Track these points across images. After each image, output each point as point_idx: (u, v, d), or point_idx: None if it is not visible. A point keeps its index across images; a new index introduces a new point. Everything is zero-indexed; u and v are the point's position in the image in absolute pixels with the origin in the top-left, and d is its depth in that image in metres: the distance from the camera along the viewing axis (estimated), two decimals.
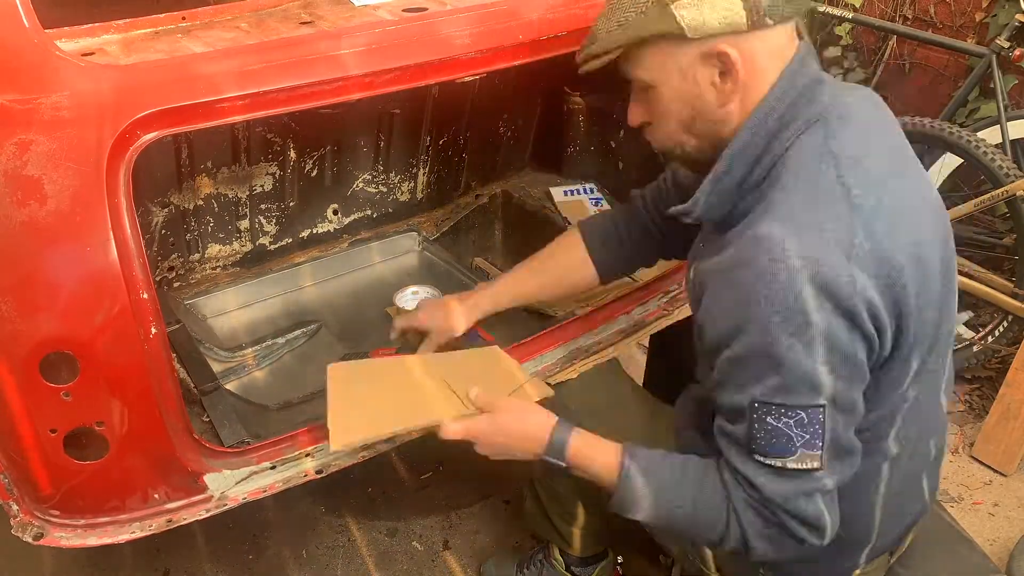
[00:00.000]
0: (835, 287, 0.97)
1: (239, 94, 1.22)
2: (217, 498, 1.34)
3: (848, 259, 0.98)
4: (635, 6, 1.08)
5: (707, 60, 1.06)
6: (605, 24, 1.13)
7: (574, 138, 2.35)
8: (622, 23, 1.09)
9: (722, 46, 1.04)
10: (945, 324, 1.14)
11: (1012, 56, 2.60)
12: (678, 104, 1.12)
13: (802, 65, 1.09)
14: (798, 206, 1.02)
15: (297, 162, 1.94)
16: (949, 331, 1.17)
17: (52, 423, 1.18)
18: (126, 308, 1.17)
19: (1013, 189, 2.38)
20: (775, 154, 1.07)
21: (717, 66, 1.06)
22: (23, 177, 1.09)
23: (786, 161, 1.06)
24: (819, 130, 1.06)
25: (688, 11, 1.03)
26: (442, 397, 1.36)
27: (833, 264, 0.98)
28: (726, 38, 1.04)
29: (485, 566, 1.96)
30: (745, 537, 1.10)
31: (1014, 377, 2.25)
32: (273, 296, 2.03)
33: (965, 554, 1.40)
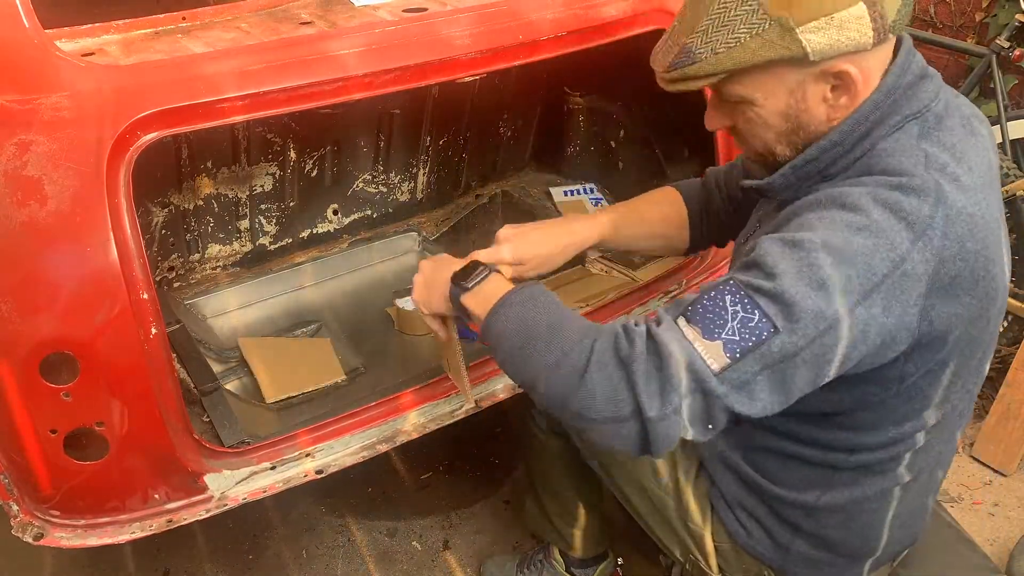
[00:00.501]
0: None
1: (239, 94, 1.22)
2: (217, 498, 1.34)
3: (913, 245, 0.94)
4: (748, 26, 0.97)
5: (822, 77, 1.00)
6: (707, 42, 0.99)
7: (574, 138, 2.35)
8: (732, 45, 0.98)
9: (843, 65, 0.98)
10: (981, 354, 1.11)
11: (1012, 56, 2.60)
12: (779, 119, 1.04)
13: (908, 60, 1.03)
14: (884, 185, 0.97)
15: (297, 162, 1.94)
16: (982, 364, 1.13)
17: (52, 423, 1.18)
18: (126, 308, 1.17)
19: (1013, 189, 2.38)
20: (866, 148, 1.02)
21: (831, 82, 1.00)
22: (23, 177, 1.09)
23: (876, 155, 1.01)
24: (913, 128, 1.02)
25: (816, 35, 0.95)
26: None
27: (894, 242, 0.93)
28: (848, 56, 0.97)
29: (485, 566, 1.96)
30: (587, 363, 0.98)
31: (1014, 377, 2.25)
32: (273, 296, 2.03)
33: (965, 554, 1.40)
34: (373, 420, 1.46)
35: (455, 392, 1.52)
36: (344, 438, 1.43)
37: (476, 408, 1.53)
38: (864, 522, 1.20)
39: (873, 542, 1.22)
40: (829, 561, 1.24)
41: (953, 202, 0.96)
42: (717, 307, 0.96)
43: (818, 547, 1.23)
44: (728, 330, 0.94)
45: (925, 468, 1.18)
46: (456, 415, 1.52)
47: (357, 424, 1.45)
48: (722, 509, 1.31)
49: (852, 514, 1.19)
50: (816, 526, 1.21)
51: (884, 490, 1.17)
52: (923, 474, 1.19)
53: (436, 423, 1.50)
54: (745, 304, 0.94)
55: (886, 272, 0.93)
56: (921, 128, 1.02)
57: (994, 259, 1.01)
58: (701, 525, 1.33)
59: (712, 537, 1.33)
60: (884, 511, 1.20)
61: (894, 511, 1.20)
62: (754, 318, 0.94)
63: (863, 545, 1.22)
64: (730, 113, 1.08)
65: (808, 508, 1.20)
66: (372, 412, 1.46)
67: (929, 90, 1.04)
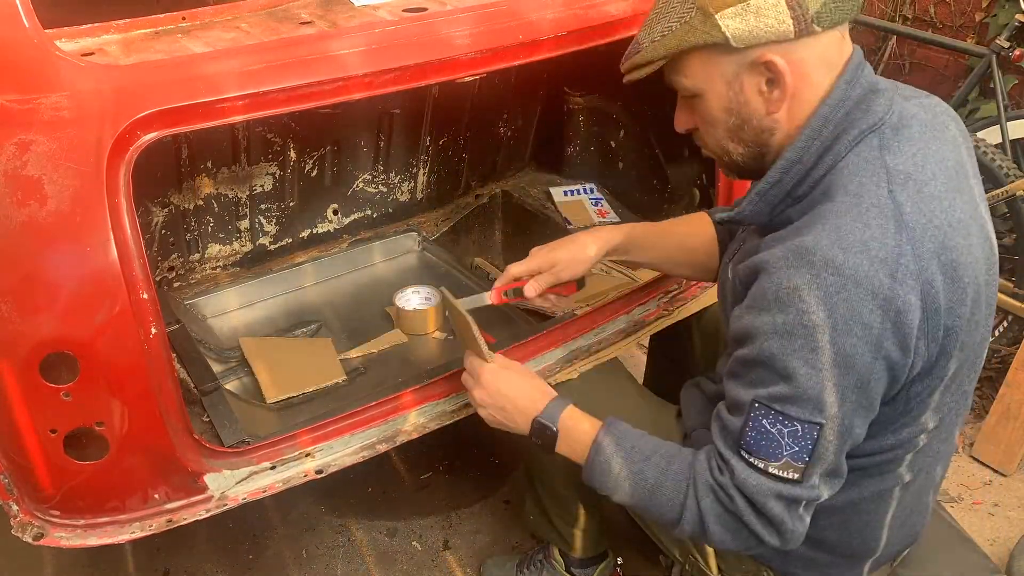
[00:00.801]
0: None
1: (239, 94, 1.22)
2: (217, 498, 1.34)
3: (893, 279, 0.96)
4: (679, 16, 1.05)
5: (753, 68, 1.04)
6: (649, 34, 1.10)
7: (574, 138, 2.35)
8: (665, 33, 1.07)
9: (769, 55, 1.02)
10: (975, 356, 1.12)
11: (1012, 56, 2.60)
12: (724, 112, 1.09)
13: (857, 73, 1.06)
14: (846, 222, 0.99)
15: (297, 162, 1.94)
16: (976, 365, 1.14)
17: (52, 423, 1.18)
18: (126, 308, 1.16)
19: (1013, 189, 2.38)
20: (827, 166, 1.05)
21: (764, 74, 1.04)
22: (23, 177, 1.09)
23: (838, 174, 1.03)
24: (873, 141, 1.03)
25: (733, 20, 1.00)
26: None
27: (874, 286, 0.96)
28: (773, 46, 1.01)
29: (485, 566, 1.96)
30: (703, 521, 1.09)
31: (1014, 377, 2.25)
32: (273, 296, 2.03)
33: (965, 554, 1.40)
34: (373, 420, 1.46)
35: (455, 392, 1.52)
36: (344, 438, 1.43)
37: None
38: (863, 523, 1.20)
39: (872, 543, 1.22)
40: (828, 562, 1.24)
41: (915, 220, 0.99)
42: (763, 434, 1.03)
43: (817, 548, 1.23)
44: (786, 447, 1.02)
45: (924, 467, 1.18)
46: (456, 415, 1.52)
47: (357, 424, 1.45)
48: None
49: (850, 516, 1.19)
50: (814, 528, 1.20)
51: (883, 491, 1.17)
52: (922, 473, 1.19)
53: (436, 423, 1.50)
54: (782, 420, 1.01)
55: (881, 319, 0.96)
56: (881, 140, 1.04)
57: (968, 263, 1.02)
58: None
59: None
60: (883, 512, 1.20)
61: (893, 511, 1.20)
62: (798, 429, 1.01)
63: (862, 545, 1.22)
64: (690, 112, 1.15)
65: None
66: (372, 412, 1.46)
67: (882, 103, 1.06)
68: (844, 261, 0.96)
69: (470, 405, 1.47)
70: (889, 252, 0.96)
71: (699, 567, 1.37)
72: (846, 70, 1.05)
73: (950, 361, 1.04)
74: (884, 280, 0.95)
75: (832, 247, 0.97)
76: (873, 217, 0.98)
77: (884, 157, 1.02)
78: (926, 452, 1.16)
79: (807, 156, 1.05)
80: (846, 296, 0.95)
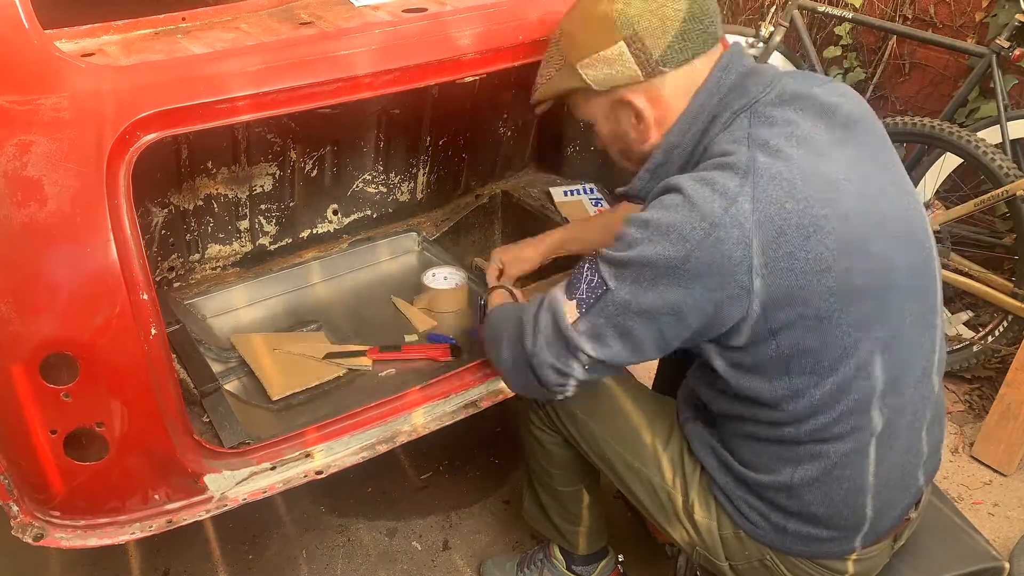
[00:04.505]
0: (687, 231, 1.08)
1: (239, 95, 1.22)
2: (217, 499, 1.34)
3: (725, 212, 1.07)
4: (555, 65, 1.28)
5: (621, 106, 1.23)
6: (540, 76, 1.33)
7: (574, 138, 2.35)
8: (547, 78, 1.30)
9: (627, 95, 1.21)
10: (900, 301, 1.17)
11: (1012, 56, 2.60)
12: (611, 139, 1.31)
13: (731, 62, 1.19)
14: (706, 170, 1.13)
15: (297, 162, 1.94)
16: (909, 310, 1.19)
17: (52, 424, 1.18)
18: (126, 309, 1.17)
19: (1013, 189, 2.38)
20: (704, 146, 1.19)
21: (631, 110, 1.22)
22: (23, 178, 1.09)
23: (711, 147, 1.17)
24: (743, 120, 1.16)
25: (590, 69, 1.22)
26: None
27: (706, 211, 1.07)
28: (630, 87, 1.20)
29: (485, 566, 1.96)
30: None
31: (1014, 377, 2.25)
32: (273, 296, 2.03)
33: (967, 542, 1.41)
34: (373, 420, 1.46)
35: (455, 392, 1.53)
36: (344, 438, 1.44)
37: (476, 409, 1.53)
38: (844, 491, 1.22)
39: (860, 509, 1.23)
40: (823, 536, 1.26)
41: (766, 169, 1.09)
42: (579, 275, 1.20)
43: (810, 523, 1.25)
44: (582, 291, 1.18)
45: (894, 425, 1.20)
46: (456, 416, 1.52)
47: (357, 424, 1.45)
48: (724, 501, 1.33)
49: (829, 486, 1.21)
50: (800, 504, 1.24)
51: (853, 452, 1.19)
52: (895, 433, 1.21)
53: (436, 423, 1.50)
54: (591, 270, 1.18)
55: (699, 239, 1.07)
56: (751, 118, 1.16)
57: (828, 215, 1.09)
58: (707, 518, 1.35)
59: (718, 528, 1.34)
60: (862, 475, 1.21)
61: (873, 473, 1.21)
62: (594, 281, 1.17)
63: (851, 515, 1.24)
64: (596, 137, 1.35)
65: (786, 488, 1.23)
66: (372, 412, 1.46)
67: (757, 84, 1.18)
68: (690, 187, 1.10)
69: (470, 406, 1.48)
70: (730, 190, 1.08)
71: (706, 556, 1.38)
72: (716, 65, 1.19)
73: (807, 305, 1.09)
74: (716, 210, 1.07)
75: (687, 179, 1.12)
76: (727, 167, 1.11)
77: (750, 130, 1.15)
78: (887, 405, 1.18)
79: (685, 140, 1.20)
80: (678, 210, 1.09)
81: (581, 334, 1.19)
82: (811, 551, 1.28)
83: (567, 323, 1.19)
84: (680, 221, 1.08)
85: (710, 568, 1.40)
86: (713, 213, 1.07)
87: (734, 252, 1.07)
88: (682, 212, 1.09)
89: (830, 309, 1.11)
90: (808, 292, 1.09)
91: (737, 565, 1.35)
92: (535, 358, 1.25)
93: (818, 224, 1.09)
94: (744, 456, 1.28)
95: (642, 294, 1.12)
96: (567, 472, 1.65)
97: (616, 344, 1.18)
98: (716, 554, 1.36)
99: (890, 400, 1.18)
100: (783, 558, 1.30)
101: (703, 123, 1.19)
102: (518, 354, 1.28)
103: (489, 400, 1.54)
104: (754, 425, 1.24)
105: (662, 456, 1.41)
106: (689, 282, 1.09)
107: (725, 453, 1.31)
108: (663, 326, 1.14)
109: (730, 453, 1.30)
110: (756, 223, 1.07)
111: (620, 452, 1.44)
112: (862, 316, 1.13)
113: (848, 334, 1.13)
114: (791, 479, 1.23)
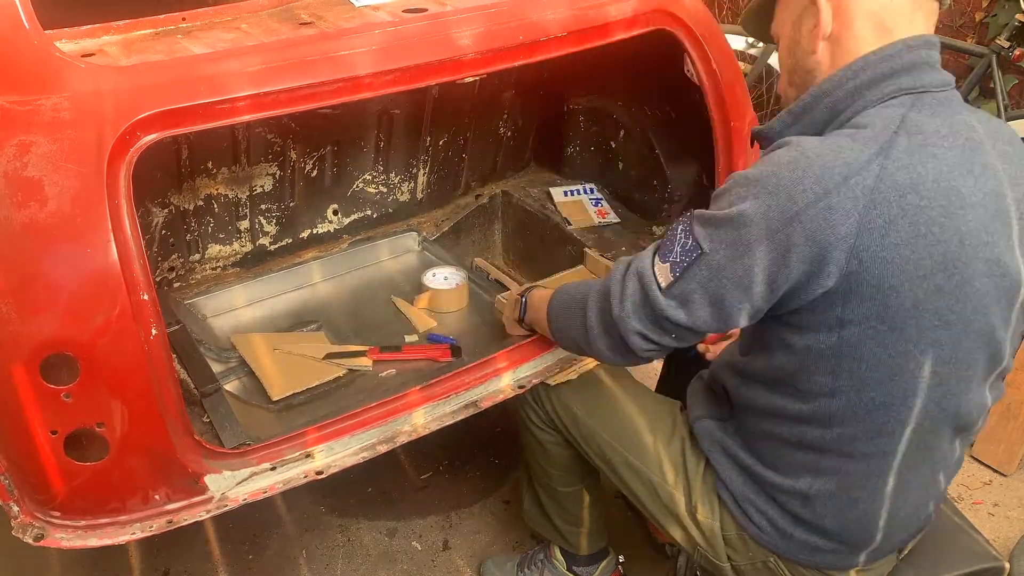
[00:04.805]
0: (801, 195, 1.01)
1: (239, 95, 1.22)
2: (217, 499, 1.34)
3: (844, 180, 1.00)
4: None
5: (809, 10, 1.14)
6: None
7: (574, 138, 2.35)
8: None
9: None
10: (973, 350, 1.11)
11: (1012, 56, 2.60)
12: (787, 52, 1.21)
13: (921, 47, 1.09)
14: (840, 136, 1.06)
15: (297, 162, 1.94)
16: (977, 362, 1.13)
17: (53, 424, 1.18)
18: (126, 309, 1.16)
19: None
20: (855, 110, 1.09)
21: (814, 15, 1.13)
22: (24, 179, 1.09)
23: (862, 117, 1.08)
24: (906, 100, 1.07)
25: None
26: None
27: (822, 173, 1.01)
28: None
29: (485, 566, 1.96)
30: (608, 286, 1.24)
31: (1014, 377, 2.25)
32: (273, 296, 2.03)
33: (967, 543, 1.40)
34: (373, 421, 1.46)
35: (455, 392, 1.53)
36: (344, 439, 1.43)
37: (476, 409, 1.53)
38: (860, 511, 1.20)
39: (871, 531, 1.22)
40: (828, 548, 1.25)
41: (899, 156, 1.02)
42: (673, 237, 1.16)
43: (817, 534, 1.24)
44: (676, 254, 1.13)
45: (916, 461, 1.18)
46: (456, 416, 1.52)
47: (357, 425, 1.45)
48: (729, 501, 1.32)
49: (845, 503, 1.20)
50: (813, 515, 1.22)
51: (874, 476, 1.17)
52: (916, 468, 1.19)
53: (437, 423, 1.50)
54: (686, 232, 1.13)
55: (809, 202, 1.00)
56: (915, 101, 1.07)
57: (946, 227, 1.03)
58: (710, 518, 1.34)
59: (721, 529, 1.34)
60: (878, 501, 1.19)
61: (889, 499, 1.19)
62: (688, 243, 1.12)
63: (861, 533, 1.23)
64: None
65: (803, 496, 1.22)
66: (373, 412, 1.46)
67: (936, 78, 1.10)
68: (812, 148, 1.04)
69: (470, 406, 1.49)
70: (856, 161, 1.01)
71: (707, 556, 1.37)
72: (911, 40, 1.09)
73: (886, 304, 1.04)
74: (835, 176, 1.01)
75: (811, 139, 1.06)
76: (864, 140, 1.04)
77: (909, 113, 1.06)
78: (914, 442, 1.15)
79: (839, 91, 1.10)
80: (792, 168, 1.02)
81: (671, 299, 1.14)
82: (814, 561, 1.27)
83: (656, 289, 1.15)
84: (792, 180, 1.02)
85: (711, 569, 1.40)
86: (831, 178, 1.00)
87: (841, 226, 1.00)
88: (796, 171, 1.02)
89: (905, 322, 1.05)
90: (895, 294, 1.03)
91: (739, 565, 1.35)
92: (622, 323, 1.20)
93: (932, 230, 1.02)
94: (765, 456, 1.26)
95: (738, 259, 1.06)
96: (567, 473, 1.65)
97: (705, 311, 1.12)
98: (718, 554, 1.36)
99: (918, 438, 1.15)
100: (787, 562, 1.30)
101: (864, 81, 1.09)
102: (607, 321, 1.24)
103: (489, 400, 1.54)
104: (779, 423, 1.21)
105: (663, 456, 1.40)
106: (788, 250, 1.02)
107: (741, 452, 1.29)
108: (753, 296, 1.07)
109: (749, 452, 1.28)
110: (872, 202, 1.00)
111: (621, 452, 1.44)
112: (933, 344, 1.08)
113: (912, 356, 1.08)
114: (809, 488, 1.20)
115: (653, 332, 1.18)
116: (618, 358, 1.28)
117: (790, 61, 1.20)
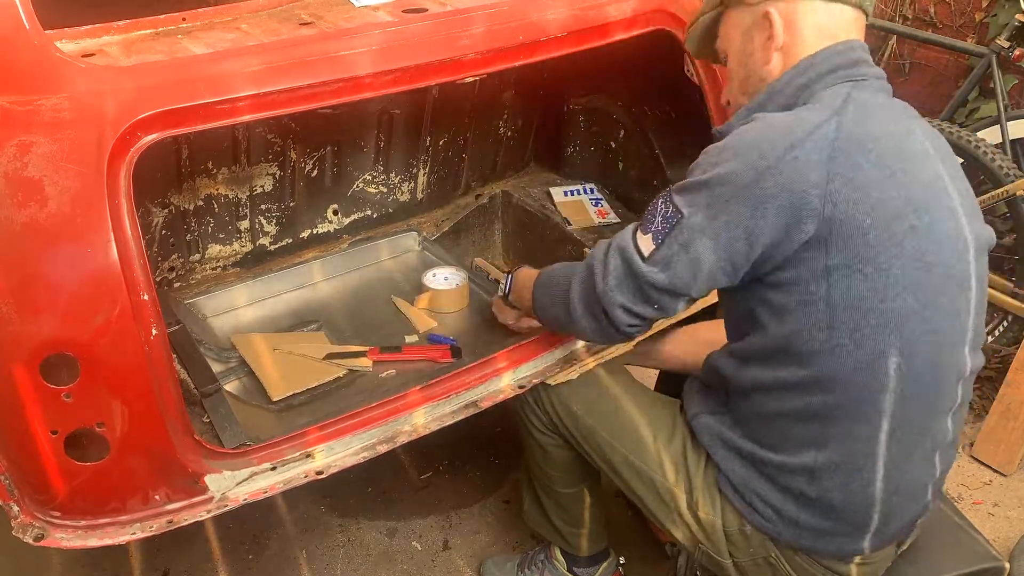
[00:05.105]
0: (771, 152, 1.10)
1: (239, 95, 1.22)
2: (218, 499, 1.34)
3: (808, 136, 1.10)
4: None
5: (760, 23, 1.25)
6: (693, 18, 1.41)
7: (574, 138, 2.35)
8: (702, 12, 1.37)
9: (770, 8, 1.23)
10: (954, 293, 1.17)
11: (1012, 56, 2.60)
12: (738, 64, 1.32)
13: (855, 48, 1.22)
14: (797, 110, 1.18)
15: (297, 162, 1.94)
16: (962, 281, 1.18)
17: (53, 424, 1.18)
18: (126, 309, 1.17)
19: (1013, 189, 2.38)
20: (805, 98, 1.20)
21: (766, 29, 1.24)
22: (24, 179, 1.09)
23: (811, 101, 1.18)
24: (848, 84, 1.19)
25: None
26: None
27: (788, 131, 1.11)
28: (775, 2, 1.23)
29: (485, 566, 1.96)
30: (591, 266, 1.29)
31: (1014, 377, 2.25)
32: (274, 296, 2.03)
33: (967, 543, 1.41)
34: (374, 421, 1.46)
35: (455, 392, 1.53)
36: (345, 439, 1.43)
37: (476, 409, 1.53)
38: (865, 480, 1.20)
39: (870, 503, 1.22)
40: (834, 530, 1.24)
41: (856, 113, 1.14)
42: (654, 209, 1.22)
43: (822, 515, 1.24)
44: (657, 224, 1.20)
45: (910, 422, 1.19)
46: (456, 416, 1.52)
47: (358, 425, 1.45)
48: (731, 494, 1.32)
49: (848, 472, 1.20)
50: (820, 490, 1.22)
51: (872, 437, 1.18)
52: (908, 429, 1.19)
53: (437, 423, 1.50)
54: (666, 201, 1.20)
55: (778, 156, 1.09)
56: (856, 85, 1.19)
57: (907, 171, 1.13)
58: (712, 514, 1.34)
59: (723, 524, 1.34)
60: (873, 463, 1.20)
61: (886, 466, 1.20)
62: (668, 210, 1.19)
63: (864, 505, 1.22)
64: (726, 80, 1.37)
65: (808, 472, 1.22)
66: (373, 413, 1.46)
67: (872, 72, 1.22)
68: (776, 117, 1.16)
69: (470, 406, 1.48)
70: (816, 120, 1.12)
71: (709, 554, 1.37)
72: (851, 42, 1.22)
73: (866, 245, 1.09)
74: (799, 132, 1.11)
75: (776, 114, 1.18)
76: (819, 108, 1.15)
77: (852, 91, 1.17)
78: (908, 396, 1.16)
79: (789, 87, 1.22)
80: (759, 131, 1.14)
81: (654, 265, 1.19)
82: (820, 547, 1.27)
83: (639, 259, 1.21)
84: (759, 139, 1.12)
85: (712, 567, 1.40)
86: (794, 135, 1.10)
87: (811, 174, 1.08)
88: (763, 132, 1.14)
89: (890, 262, 1.11)
90: (874, 232, 1.09)
91: (741, 562, 1.34)
92: (605, 297, 1.25)
93: (896, 173, 1.12)
94: (766, 439, 1.26)
95: (715, 217, 1.13)
96: (567, 474, 1.65)
97: (686, 272, 1.18)
98: (720, 551, 1.36)
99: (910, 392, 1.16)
100: (788, 556, 1.29)
101: (813, 76, 1.20)
102: (590, 298, 1.29)
103: (489, 400, 1.54)
104: (781, 397, 1.21)
105: (664, 454, 1.40)
106: (763, 202, 1.10)
107: (741, 440, 1.29)
108: (733, 252, 1.14)
109: (749, 439, 1.28)
110: (836, 150, 1.10)
111: (621, 451, 1.44)
112: (917, 286, 1.13)
113: (901, 298, 1.12)
114: (814, 461, 1.20)
115: (636, 303, 1.24)
116: (599, 336, 1.33)
117: (743, 72, 1.31)
